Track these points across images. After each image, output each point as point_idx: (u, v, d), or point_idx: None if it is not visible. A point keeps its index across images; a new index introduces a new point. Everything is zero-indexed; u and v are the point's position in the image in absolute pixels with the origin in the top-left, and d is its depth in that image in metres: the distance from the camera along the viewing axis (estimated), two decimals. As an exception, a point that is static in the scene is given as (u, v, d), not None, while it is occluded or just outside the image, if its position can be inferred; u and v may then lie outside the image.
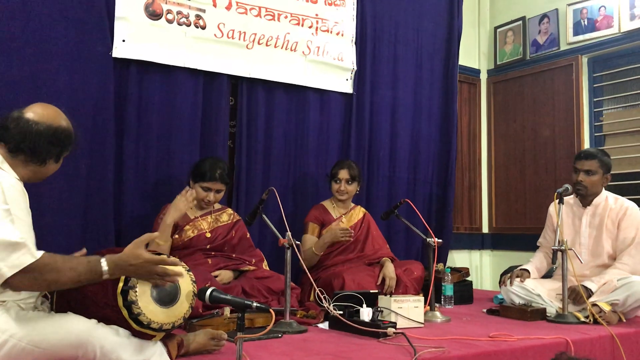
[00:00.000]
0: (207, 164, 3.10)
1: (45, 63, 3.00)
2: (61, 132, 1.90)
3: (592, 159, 3.26)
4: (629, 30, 4.34)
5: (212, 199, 3.12)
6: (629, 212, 3.27)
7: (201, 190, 3.09)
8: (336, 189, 3.63)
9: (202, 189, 3.09)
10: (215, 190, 3.11)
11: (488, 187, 5.30)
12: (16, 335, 1.66)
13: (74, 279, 1.67)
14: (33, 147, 1.83)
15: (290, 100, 3.90)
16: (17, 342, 1.66)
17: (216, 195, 3.13)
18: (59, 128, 1.89)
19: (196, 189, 3.09)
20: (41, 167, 1.89)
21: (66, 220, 3.04)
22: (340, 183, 3.61)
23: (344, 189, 3.61)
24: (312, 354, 2.14)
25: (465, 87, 5.24)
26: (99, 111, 3.16)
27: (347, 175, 3.61)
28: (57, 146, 1.89)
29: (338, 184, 3.62)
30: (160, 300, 1.83)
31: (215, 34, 3.53)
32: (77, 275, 1.67)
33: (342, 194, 3.63)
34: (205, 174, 3.07)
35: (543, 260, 3.54)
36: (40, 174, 1.92)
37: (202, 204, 3.14)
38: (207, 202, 3.13)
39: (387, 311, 2.74)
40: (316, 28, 3.96)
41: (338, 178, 3.62)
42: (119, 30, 3.20)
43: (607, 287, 3.12)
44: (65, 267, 1.66)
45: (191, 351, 2.05)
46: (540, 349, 2.43)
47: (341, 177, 3.61)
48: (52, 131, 1.87)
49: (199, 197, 3.10)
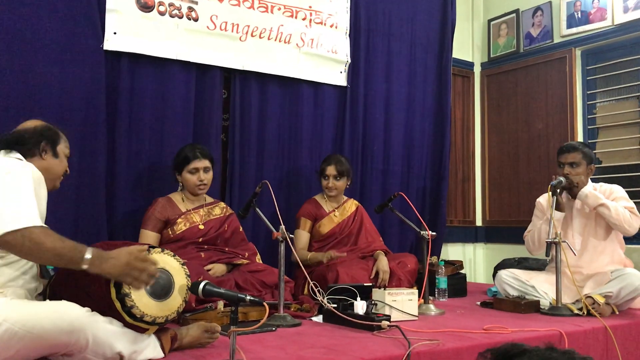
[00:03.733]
0: (185, 149, 3.15)
1: (36, 56, 2.98)
2: (44, 127, 2.12)
3: (574, 151, 3.31)
4: (623, 22, 4.34)
5: (203, 178, 3.11)
6: (615, 189, 3.35)
7: (191, 176, 3.09)
8: (325, 185, 3.62)
9: (190, 174, 3.09)
10: (203, 169, 3.11)
11: (482, 180, 5.31)
12: (10, 318, 1.64)
13: (57, 250, 1.70)
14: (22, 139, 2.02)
15: (283, 93, 3.88)
16: (11, 326, 1.64)
17: (205, 174, 3.12)
18: (44, 125, 2.14)
19: (185, 178, 3.09)
20: (42, 162, 2.03)
21: (58, 213, 3.00)
22: (328, 179, 3.60)
23: (332, 185, 3.59)
24: (306, 348, 2.14)
25: (458, 80, 5.24)
26: (90, 104, 3.13)
27: (335, 171, 3.59)
28: (42, 137, 2.06)
29: (326, 181, 3.60)
30: (153, 294, 1.83)
31: (208, 26, 3.50)
32: (61, 247, 1.70)
33: (331, 190, 3.61)
34: (187, 156, 3.10)
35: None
36: (45, 169, 2.01)
37: (196, 189, 3.13)
38: (201, 185, 3.12)
39: (381, 304, 2.74)
40: (310, 20, 3.94)
41: (326, 174, 3.60)
42: (110, 23, 3.17)
43: (601, 278, 3.13)
44: (55, 237, 1.71)
45: (185, 345, 2.04)
46: (534, 341, 2.43)
47: (329, 173, 3.59)
48: (39, 128, 2.10)
49: (192, 184, 3.09)
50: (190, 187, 3.12)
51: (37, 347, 1.69)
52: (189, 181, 3.09)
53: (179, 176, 3.15)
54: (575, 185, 3.26)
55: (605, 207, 3.18)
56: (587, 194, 3.23)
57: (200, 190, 3.15)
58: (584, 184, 3.28)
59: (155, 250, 1.89)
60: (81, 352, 1.73)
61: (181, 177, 3.13)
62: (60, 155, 2.12)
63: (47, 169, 2.05)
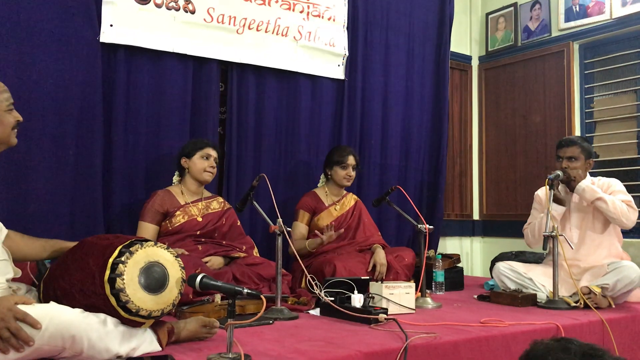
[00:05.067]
0: (193, 140, 3.24)
1: (32, 48, 2.96)
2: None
3: (573, 146, 3.31)
4: (621, 16, 4.33)
5: (214, 164, 3.18)
6: (613, 183, 3.36)
7: (203, 161, 3.14)
8: (344, 175, 3.61)
9: (203, 158, 3.14)
10: (214, 158, 3.18)
11: (479, 174, 5.31)
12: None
13: None
14: None
15: (281, 86, 3.87)
16: None
17: (215, 164, 3.19)
18: None
19: (194, 163, 3.13)
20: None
21: (54, 207, 3.01)
22: (348, 169, 3.61)
23: (352, 175, 3.63)
24: (303, 340, 2.14)
25: (456, 74, 5.23)
26: (86, 97, 3.11)
27: (354, 161, 3.63)
28: None
29: (346, 170, 3.60)
30: (148, 288, 1.80)
31: (205, 18, 3.48)
32: None
33: (350, 179, 3.64)
34: (197, 143, 3.17)
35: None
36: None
37: (204, 174, 3.15)
38: (210, 171, 3.17)
39: (378, 297, 2.74)
40: (307, 13, 3.92)
41: (347, 164, 3.60)
42: (106, 15, 3.15)
43: (598, 271, 3.14)
44: None
45: (182, 338, 2.03)
46: (531, 334, 2.44)
47: (350, 162, 3.61)
48: None
49: (202, 167, 3.13)
50: (197, 172, 3.13)
51: (31, 354, 1.65)
52: (198, 165, 3.12)
53: (187, 160, 3.15)
54: (573, 179, 3.26)
55: (603, 201, 3.18)
56: (584, 188, 3.23)
57: (207, 176, 3.17)
58: (582, 178, 3.28)
59: (148, 244, 1.87)
60: (77, 356, 1.69)
61: (190, 161, 3.13)
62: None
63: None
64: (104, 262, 1.78)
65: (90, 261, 1.82)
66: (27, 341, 1.61)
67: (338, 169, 3.62)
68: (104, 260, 1.78)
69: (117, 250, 1.79)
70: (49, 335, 1.63)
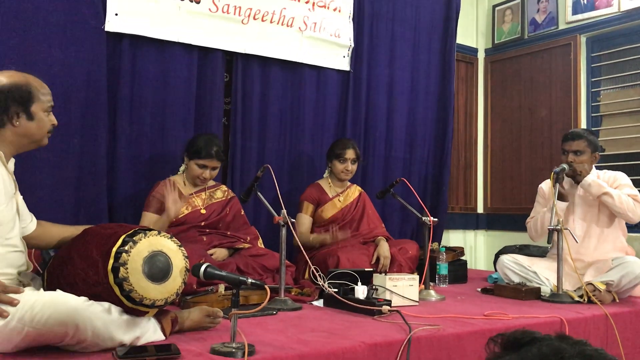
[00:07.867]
0: (203, 141, 3.06)
1: (36, 37, 2.94)
2: (11, 86, 1.86)
3: (579, 139, 3.27)
4: (629, 9, 4.30)
5: (208, 176, 3.09)
6: (619, 177, 3.33)
7: (197, 168, 3.06)
8: (342, 169, 3.59)
9: (198, 167, 3.06)
10: (211, 168, 3.08)
11: (484, 167, 5.29)
12: (14, 316, 1.61)
13: None
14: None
15: (286, 77, 3.85)
16: (8, 320, 1.61)
17: (212, 172, 3.10)
18: (11, 84, 1.87)
19: (191, 166, 3.06)
20: (16, 129, 1.88)
21: (59, 195, 3.00)
22: (346, 163, 3.58)
23: (350, 169, 3.59)
24: (306, 331, 2.14)
25: (462, 66, 5.20)
26: (91, 86, 3.11)
27: (354, 155, 3.59)
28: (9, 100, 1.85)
29: (344, 164, 3.58)
30: (152, 277, 1.80)
31: (210, 8, 3.46)
32: None
33: (348, 174, 3.61)
34: (201, 151, 3.04)
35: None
36: (21, 136, 1.90)
37: (197, 181, 3.11)
38: (202, 180, 3.10)
39: (381, 289, 2.74)
40: (313, 3, 3.90)
41: (345, 158, 3.58)
42: (111, 4, 3.14)
43: (602, 266, 3.13)
44: None
45: (186, 328, 2.04)
46: (535, 327, 2.43)
47: (348, 156, 3.58)
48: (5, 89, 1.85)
49: (194, 174, 3.07)
50: (192, 176, 3.10)
51: (35, 340, 1.66)
52: (193, 171, 3.07)
53: (186, 158, 3.13)
54: (579, 173, 3.24)
55: (609, 196, 3.16)
56: (590, 183, 3.21)
57: (201, 183, 3.14)
58: (587, 172, 3.26)
59: (152, 233, 1.87)
60: (81, 344, 1.70)
61: (188, 161, 3.10)
62: (37, 115, 1.90)
63: (25, 135, 1.89)
64: (107, 251, 1.78)
65: (94, 250, 1.82)
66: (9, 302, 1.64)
67: (337, 162, 3.61)
68: (107, 249, 1.78)
69: (121, 240, 1.79)
70: (53, 322, 1.63)
